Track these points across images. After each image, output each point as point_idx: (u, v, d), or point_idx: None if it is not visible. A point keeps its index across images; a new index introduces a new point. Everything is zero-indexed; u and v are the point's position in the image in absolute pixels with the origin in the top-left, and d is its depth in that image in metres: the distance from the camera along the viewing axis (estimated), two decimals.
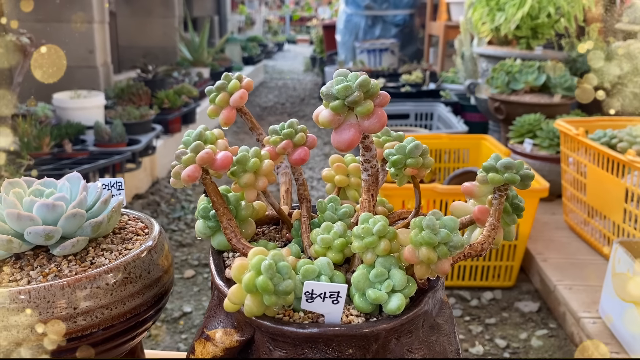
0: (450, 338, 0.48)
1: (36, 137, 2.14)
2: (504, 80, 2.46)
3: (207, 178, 0.47)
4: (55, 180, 0.55)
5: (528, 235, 1.77)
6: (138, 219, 0.59)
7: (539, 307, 1.74)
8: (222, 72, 3.81)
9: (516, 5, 2.66)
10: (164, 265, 0.53)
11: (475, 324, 1.67)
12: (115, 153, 2.31)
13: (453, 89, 3.60)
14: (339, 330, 0.40)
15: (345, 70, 0.44)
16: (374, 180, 0.48)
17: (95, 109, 2.77)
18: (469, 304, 1.77)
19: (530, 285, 1.87)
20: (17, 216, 0.47)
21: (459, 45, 3.49)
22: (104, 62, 3.51)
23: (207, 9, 6.84)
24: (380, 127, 0.43)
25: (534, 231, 2.03)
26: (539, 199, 1.72)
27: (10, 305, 0.44)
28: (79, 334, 0.46)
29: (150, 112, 2.80)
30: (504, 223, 0.52)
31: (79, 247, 0.49)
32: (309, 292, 0.40)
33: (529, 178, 0.49)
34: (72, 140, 2.33)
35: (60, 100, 2.69)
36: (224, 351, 0.44)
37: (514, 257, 1.79)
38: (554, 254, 1.88)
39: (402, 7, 5.33)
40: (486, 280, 1.85)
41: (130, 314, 0.49)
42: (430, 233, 0.42)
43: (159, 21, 5.11)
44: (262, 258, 0.40)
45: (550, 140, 2.22)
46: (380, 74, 4.08)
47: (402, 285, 0.42)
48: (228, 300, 0.41)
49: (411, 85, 3.69)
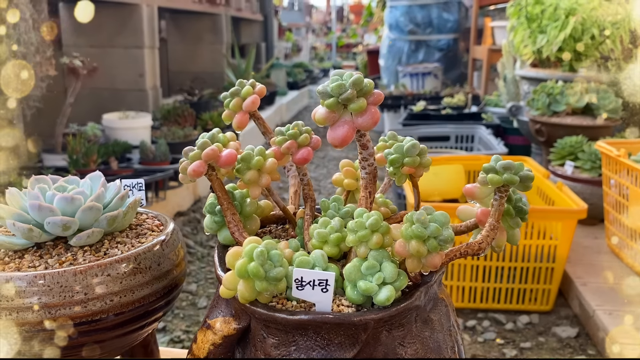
0: (446, 335, 0.48)
1: (84, 155, 2.24)
2: (545, 102, 2.43)
3: (212, 174, 0.50)
4: (79, 178, 0.59)
5: (566, 258, 1.72)
6: (155, 217, 0.62)
7: (577, 333, 1.68)
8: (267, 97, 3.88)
9: (558, 27, 2.63)
10: (175, 259, 0.56)
11: (509, 348, 1.63)
12: (158, 170, 2.39)
13: (496, 112, 3.56)
14: (328, 318, 0.41)
15: (341, 70, 0.46)
16: (371, 178, 0.49)
17: (142, 129, 2.88)
18: (504, 327, 1.73)
19: (569, 310, 1.82)
20: (38, 207, 0.50)
21: (501, 68, 3.47)
22: (153, 86, 3.66)
23: (255, 37, 7.03)
24: (373, 124, 0.44)
25: (574, 255, 1.97)
26: (576, 221, 1.68)
27: (27, 288, 0.47)
28: (89, 318, 0.49)
29: (194, 132, 2.89)
30: (507, 226, 0.53)
31: (94, 238, 0.52)
32: (298, 280, 0.42)
33: (528, 179, 0.49)
34: (118, 158, 2.43)
35: (109, 120, 2.81)
36: (222, 339, 0.46)
37: (551, 280, 1.75)
38: (595, 278, 1.82)
39: (445, 31, 5.33)
40: (522, 303, 1.80)
41: (139, 302, 0.51)
42: (420, 227, 0.43)
43: (207, 47, 5.29)
44: (255, 246, 0.42)
45: (593, 162, 2.16)
46: (421, 97, 4.08)
47: (392, 278, 0.43)
48: (223, 286, 0.43)
49: (452, 108, 3.67)
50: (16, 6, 2.22)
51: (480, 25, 4.97)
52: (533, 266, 1.74)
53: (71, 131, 2.51)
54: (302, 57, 10.59)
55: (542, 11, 2.75)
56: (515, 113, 2.93)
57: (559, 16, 2.65)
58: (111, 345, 0.53)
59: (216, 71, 5.22)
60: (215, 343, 0.46)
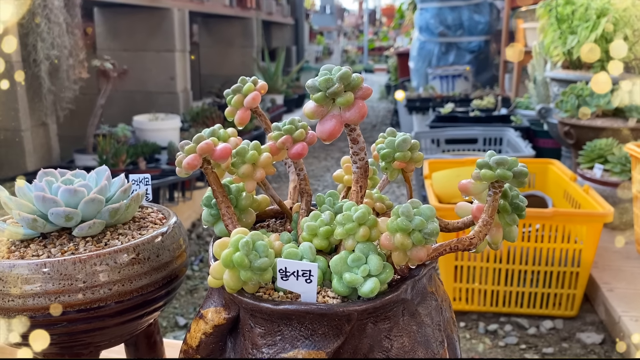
0: (435, 330, 0.48)
1: (113, 155, 2.30)
2: (574, 103, 2.38)
3: (208, 167, 0.51)
4: (85, 172, 0.61)
5: (591, 262, 1.68)
6: (159, 211, 0.64)
7: (602, 339, 1.64)
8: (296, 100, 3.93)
9: (589, 28, 2.58)
10: (175, 251, 0.57)
11: (531, 353, 1.60)
12: None
13: (526, 115, 3.51)
14: (311, 308, 0.42)
15: (330, 65, 0.46)
16: (362, 173, 0.50)
17: (171, 131, 2.94)
18: (527, 332, 1.70)
19: (595, 316, 1.77)
20: (42, 198, 0.52)
21: (531, 70, 3.41)
22: (184, 89, 3.72)
23: (285, 40, 7.09)
24: (360, 118, 0.45)
25: (601, 260, 1.93)
26: (602, 225, 1.64)
27: (29, 275, 0.49)
28: (89, 305, 0.50)
29: None
30: (504, 223, 0.52)
31: (95, 229, 0.54)
32: (282, 270, 0.43)
33: (522, 175, 0.49)
34: (146, 158, 2.48)
35: (139, 122, 2.87)
36: (213, 328, 0.47)
37: (576, 285, 1.71)
38: (622, 283, 1.77)
39: (477, 33, 5.27)
40: (546, 308, 1.77)
41: (138, 292, 0.53)
42: (405, 220, 0.43)
43: (238, 51, 5.36)
44: (240, 236, 0.43)
45: (623, 165, 2.11)
46: (450, 99, 4.05)
47: (377, 270, 0.43)
48: (210, 276, 0.44)
49: (481, 110, 3.63)
50: (50, 11, 2.29)
51: (512, 27, 4.89)
52: (557, 270, 1.70)
53: (102, 132, 2.58)
54: (333, 60, 10.61)
55: (572, 12, 2.70)
56: (545, 115, 2.88)
57: (590, 16, 2.60)
58: (112, 333, 0.55)
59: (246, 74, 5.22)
60: (207, 332, 0.48)
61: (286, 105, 5.11)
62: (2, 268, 0.49)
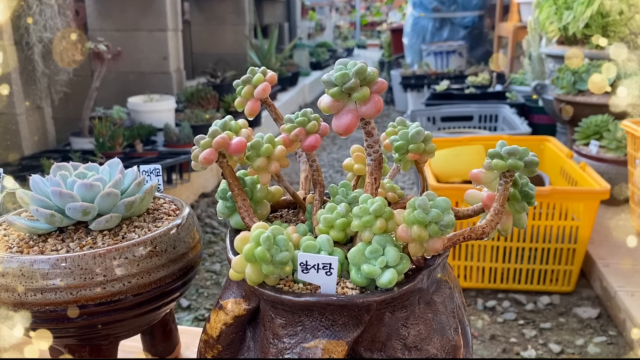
0: (450, 317, 0.50)
1: (110, 138, 2.29)
2: (570, 80, 2.39)
3: (223, 161, 0.52)
4: (98, 165, 0.61)
5: (588, 238, 1.71)
6: (172, 202, 0.64)
7: (598, 314, 1.68)
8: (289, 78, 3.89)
9: (585, 3, 2.57)
10: (190, 242, 0.58)
11: (529, 328, 1.63)
12: (182, 153, 2.43)
13: (521, 91, 3.51)
14: (332, 300, 0.43)
15: (345, 59, 0.47)
16: (377, 165, 0.50)
17: (166, 112, 2.92)
18: (524, 308, 1.73)
19: (591, 291, 1.81)
20: (59, 194, 0.53)
21: (526, 46, 3.40)
22: (177, 68, 3.69)
23: (277, 17, 7.01)
24: (376, 112, 0.46)
25: (597, 236, 1.95)
26: (599, 202, 1.66)
27: (50, 270, 0.50)
28: (108, 299, 0.51)
29: (217, 115, 2.92)
30: (514, 210, 0.53)
31: (112, 223, 0.54)
32: (303, 263, 0.44)
33: (533, 164, 0.50)
34: (143, 140, 2.47)
35: (134, 103, 2.86)
36: (234, 319, 0.49)
37: (572, 261, 1.74)
38: (618, 259, 1.80)
39: (471, 8, 5.24)
40: (544, 284, 1.80)
41: (156, 284, 0.54)
42: (422, 212, 0.44)
43: (230, 29, 5.29)
44: (262, 231, 0.44)
45: (618, 142, 2.13)
46: (445, 76, 4.04)
47: (395, 262, 0.45)
48: (232, 270, 0.45)
49: (476, 87, 3.63)
50: None
51: (506, 2, 4.86)
52: (554, 247, 1.73)
53: (97, 115, 2.56)
54: (325, 36, 10.51)
55: None
56: (540, 92, 2.88)
57: None
58: (130, 325, 0.56)
59: (239, 53, 5.23)
60: (227, 323, 0.49)
61: (280, 84, 5.08)
62: (23, 264, 0.50)
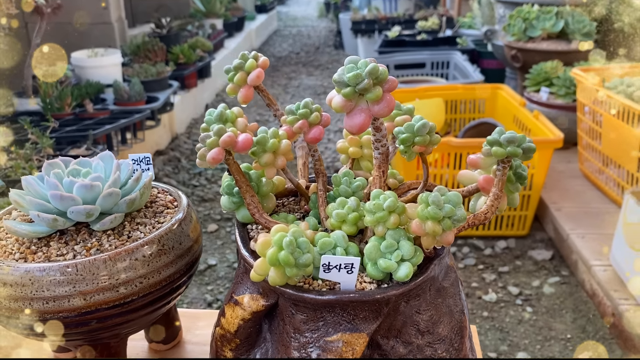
0: (456, 299, 0.53)
1: (58, 98, 2.18)
2: (521, 27, 2.43)
3: (230, 159, 0.51)
4: (89, 160, 0.60)
5: (542, 185, 1.79)
6: (167, 192, 0.63)
7: (552, 255, 1.78)
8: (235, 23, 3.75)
9: None
10: (194, 235, 0.58)
11: (488, 272, 1.73)
12: (135, 112, 2.35)
13: (470, 35, 3.54)
14: (354, 296, 0.45)
15: (355, 57, 0.47)
16: (384, 158, 0.51)
17: (113, 67, 2.79)
18: (483, 253, 1.82)
19: (544, 234, 1.92)
20: (60, 197, 0.51)
21: None
22: (118, 18, 3.51)
23: None
24: (389, 112, 0.46)
25: (549, 180, 2.05)
26: (553, 150, 1.74)
27: (59, 277, 0.49)
28: (120, 301, 0.51)
29: (167, 68, 2.82)
30: (507, 191, 0.56)
31: (116, 222, 0.54)
32: (325, 264, 0.45)
33: (530, 151, 0.52)
34: (92, 99, 2.37)
35: (78, 59, 2.72)
36: (252, 314, 0.50)
37: (527, 206, 1.83)
38: (568, 203, 1.91)
39: None
40: (500, 229, 1.89)
41: (166, 281, 0.54)
42: (435, 208, 0.46)
43: None
44: (283, 235, 0.44)
45: (567, 88, 2.21)
46: (395, 21, 4.02)
47: (410, 255, 0.46)
48: (254, 272, 0.46)
49: (427, 32, 3.64)
50: None
51: None
52: None
53: None
54: None
55: None
56: (490, 37, 2.92)
57: None
58: (140, 322, 0.56)
59: None
60: (245, 318, 0.50)
61: (226, 30, 4.92)
62: (33, 273, 0.49)
